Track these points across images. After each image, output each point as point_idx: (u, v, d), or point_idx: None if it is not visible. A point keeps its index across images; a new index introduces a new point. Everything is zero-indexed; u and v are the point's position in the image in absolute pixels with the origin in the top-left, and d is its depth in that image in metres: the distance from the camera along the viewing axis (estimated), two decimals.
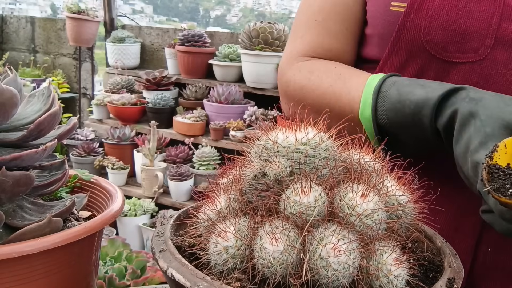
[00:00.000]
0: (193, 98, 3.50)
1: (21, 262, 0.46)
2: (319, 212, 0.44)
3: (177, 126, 3.39)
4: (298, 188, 0.44)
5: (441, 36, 0.71)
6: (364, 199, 0.44)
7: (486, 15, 0.70)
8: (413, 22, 0.72)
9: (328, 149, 0.49)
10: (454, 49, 0.71)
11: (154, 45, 3.99)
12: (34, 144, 0.54)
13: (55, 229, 0.49)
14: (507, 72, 0.71)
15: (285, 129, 0.50)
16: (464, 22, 0.70)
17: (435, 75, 0.73)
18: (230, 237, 0.44)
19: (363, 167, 0.51)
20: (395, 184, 0.50)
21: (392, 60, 0.76)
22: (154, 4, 13.41)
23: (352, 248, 0.42)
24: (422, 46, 0.73)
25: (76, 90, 4.33)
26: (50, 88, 0.58)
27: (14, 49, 4.61)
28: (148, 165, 3.25)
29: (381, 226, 0.45)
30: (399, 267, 0.43)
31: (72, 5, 3.81)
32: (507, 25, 0.70)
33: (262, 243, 0.43)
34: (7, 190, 0.49)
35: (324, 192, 0.45)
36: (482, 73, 0.71)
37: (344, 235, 0.42)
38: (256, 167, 0.48)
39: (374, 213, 0.44)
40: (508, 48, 0.70)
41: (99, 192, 0.64)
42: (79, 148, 3.59)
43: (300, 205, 0.44)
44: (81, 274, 0.55)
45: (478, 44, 0.70)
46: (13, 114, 0.52)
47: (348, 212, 0.44)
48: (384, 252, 0.44)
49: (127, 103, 3.52)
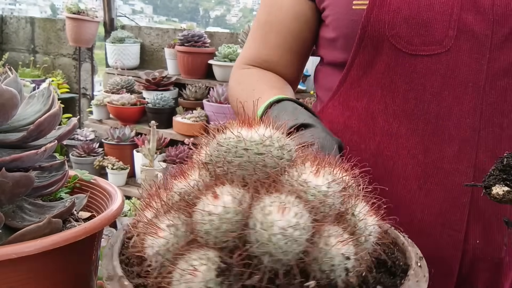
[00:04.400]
0: (193, 98, 3.50)
1: (21, 263, 0.46)
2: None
3: (177, 126, 3.40)
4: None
5: (406, 30, 0.73)
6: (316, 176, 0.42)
7: (446, 7, 0.72)
8: (377, 17, 0.74)
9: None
10: (419, 42, 0.73)
11: (153, 45, 3.99)
12: (34, 145, 0.54)
13: (55, 230, 0.49)
14: (471, 61, 0.72)
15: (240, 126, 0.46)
16: (426, 14, 0.72)
17: (402, 70, 0.75)
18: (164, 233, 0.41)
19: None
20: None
21: (359, 59, 0.77)
22: (154, 4, 13.41)
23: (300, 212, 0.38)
24: (387, 41, 0.74)
25: (76, 90, 4.32)
26: (50, 89, 0.58)
27: (14, 49, 4.61)
28: (148, 165, 3.25)
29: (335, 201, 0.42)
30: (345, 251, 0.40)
31: (72, 5, 3.80)
32: (467, 15, 0.72)
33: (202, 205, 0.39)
34: (7, 191, 0.49)
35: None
36: (448, 64, 0.73)
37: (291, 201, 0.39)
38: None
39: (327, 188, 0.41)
40: (470, 38, 0.72)
41: (99, 193, 0.64)
42: (79, 149, 3.59)
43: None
44: (81, 274, 0.55)
45: (442, 35, 0.72)
46: (13, 115, 0.52)
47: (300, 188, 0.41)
48: (331, 234, 0.40)
49: (127, 104, 3.52)
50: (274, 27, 0.90)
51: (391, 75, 0.75)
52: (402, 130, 0.75)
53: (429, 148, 0.75)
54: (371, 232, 0.44)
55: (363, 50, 0.76)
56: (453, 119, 0.73)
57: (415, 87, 0.74)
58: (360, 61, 0.77)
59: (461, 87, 0.72)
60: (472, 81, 0.72)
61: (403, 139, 0.75)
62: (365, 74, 0.78)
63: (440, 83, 0.73)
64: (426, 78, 0.73)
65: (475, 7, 0.72)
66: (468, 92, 0.72)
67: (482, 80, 0.72)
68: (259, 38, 0.93)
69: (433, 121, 0.74)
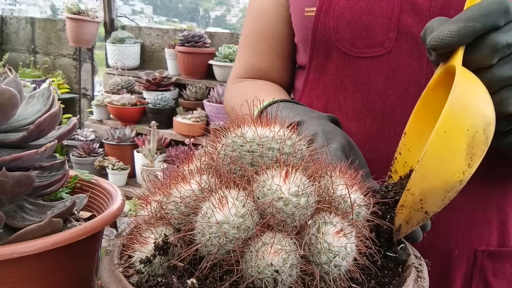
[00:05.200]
0: (193, 98, 3.50)
1: (22, 263, 0.46)
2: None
3: (177, 126, 3.40)
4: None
5: (349, 34, 0.77)
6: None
7: (386, 10, 0.75)
8: (323, 23, 0.78)
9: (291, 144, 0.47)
10: (362, 45, 0.76)
11: (154, 46, 3.99)
12: (34, 144, 0.54)
13: (55, 229, 0.49)
14: (412, 62, 0.75)
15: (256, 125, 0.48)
16: (368, 19, 0.75)
17: (349, 72, 0.78)
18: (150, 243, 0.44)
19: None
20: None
21: (315, 62, 0.82)
22: (154, 5, 13.41)
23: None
24: (334, 45, 0.78)
25: (76, 90, 4.33)
26: (50, 89, 0.58)
27: (14, 50, 4.61)
28: (149, 165, 3.25)
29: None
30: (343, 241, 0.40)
31: (72, 5, 3.81)
32: (406, 17, 0.74)
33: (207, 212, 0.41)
34: (8, 191, 0.49)
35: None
36: (390, 65, 0.76)
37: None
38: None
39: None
40: (409, 39, 0.75)
41: (99, 193, 0.64)
42: (79, 149, 3.59)
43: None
44: (81, 274, 0.55)
45: (383, 38, 0.75)
46: (13, 114, 0.52)
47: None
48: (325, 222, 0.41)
49: (127, 104, 3.52)
50: (262, 34, 0.93)
51: (341, 77, 0.79)
52: (352, 129, 0.79)
53: (376, 146, 0.77)
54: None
55: (316, 54, 0.81)
56: (397, 117, 0.76)
57: (361, 87, 0.78)
58: (315, 64, 0.82)
59: (403, 86, 0.75)
60: (414, 80, 0.74)
61: (354, 137, 0.77)
62: (321, 76, 0.82)
63: (383, 83, 0.76)
64: (371, 78, 0.77)
65: (413, 9, 0.74)
66: (410, 91, 0.75)
67: (423, 79, 0.74)
68: (249, 49, 0.96)
69: (379, 119, 0.77)
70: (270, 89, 0.90)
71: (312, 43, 0.80)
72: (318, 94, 0.83)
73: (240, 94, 0.92)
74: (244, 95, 0.90)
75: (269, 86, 0.92)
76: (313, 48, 0.81)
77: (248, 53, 0.96)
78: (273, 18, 0.92)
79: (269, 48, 0.93)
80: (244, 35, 0.97)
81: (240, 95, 0.91)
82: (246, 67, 0.96)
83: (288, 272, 0.39)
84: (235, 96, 0.94)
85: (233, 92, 0.96)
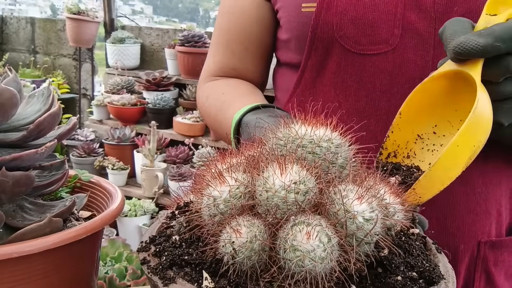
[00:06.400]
0: (193, 98, 3.50)
1: (21, 262, 0.46)
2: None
3: (177, 126, 3.39)
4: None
5: (353, 30, 0.75)
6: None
7: (390, 6, 0.74)
8: (325, 20, 0.76)
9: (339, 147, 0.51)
10: (366, 42, 0.75)
11: (154, 46, 3.99)
12: (34, 144, 0.54)
13: (55, 229, 0.49)
14: (417, 58, 0.74)
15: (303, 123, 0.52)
16: (372, 15, 0.74)
17: (352, 70, 0.77)
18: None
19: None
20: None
21: (312, 61, 0.80)
22: (154, 5, 13.40)
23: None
24: (337, 42, 0.77)
25: (76, 90, 4.33)
26: (50, 89, 0.58)
27: (14, 49, 4.61)
28: (148, 165, 3.25)
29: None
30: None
31: (72, 5, 3.81)
32: (411, 14, 0.74)
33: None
34: (7, 190, 0.49)
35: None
36: (395, 62, 0.75)
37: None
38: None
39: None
40: (414, 35, 0.74)
41: (99, 192, 0.64)
42: (79, 149, 3.59)
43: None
44: (81, 274, 0.55)
45: (388, 34, 0.74)
46: (13, 114, 0.52)
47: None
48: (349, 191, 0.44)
49: (127, 104, 3.52)
50: (237, 34, 0.92)
51: (342, 75, 0.78)
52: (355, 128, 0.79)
53: (381, 144, 0.76)
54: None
55: (315, 52, 0.79)
56: None
57: (365, 85, 0.77)
58: (312, 63, 0.80)
59: (408, 83, 0.74)
60: (419, 78, 0.74)
61: (357, 136, 0.77)
62: (319, 75, 0.80)
63: (388, 81, 0.75)
64: (375, 76, 0.76)
65: (417, 6, 0.74)
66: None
67: (428, 75, 0.74)
68: (224, 48, 0.95)
69: (384, 117, 0.76)
70: (246, 90, 0.90)
71: (311, 40, 0.78)
72: (314, 94, 0.81)
73: (216, 96, 0.91)
74: (220, 97, 0.89)
75: (245, 86, 0.92)
76: (311, 46, 0.79)
77: (224, 52, 0.95)
78: (249, 18, 0.90)
79: (244, 49, 0.93)
80: (218, 32, 0.96)
81: (217, 97, 0.91)
82: (221, 66, 0.95)
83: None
84: (211, 97, 0.93)
85: (208, 92, 0.95)
